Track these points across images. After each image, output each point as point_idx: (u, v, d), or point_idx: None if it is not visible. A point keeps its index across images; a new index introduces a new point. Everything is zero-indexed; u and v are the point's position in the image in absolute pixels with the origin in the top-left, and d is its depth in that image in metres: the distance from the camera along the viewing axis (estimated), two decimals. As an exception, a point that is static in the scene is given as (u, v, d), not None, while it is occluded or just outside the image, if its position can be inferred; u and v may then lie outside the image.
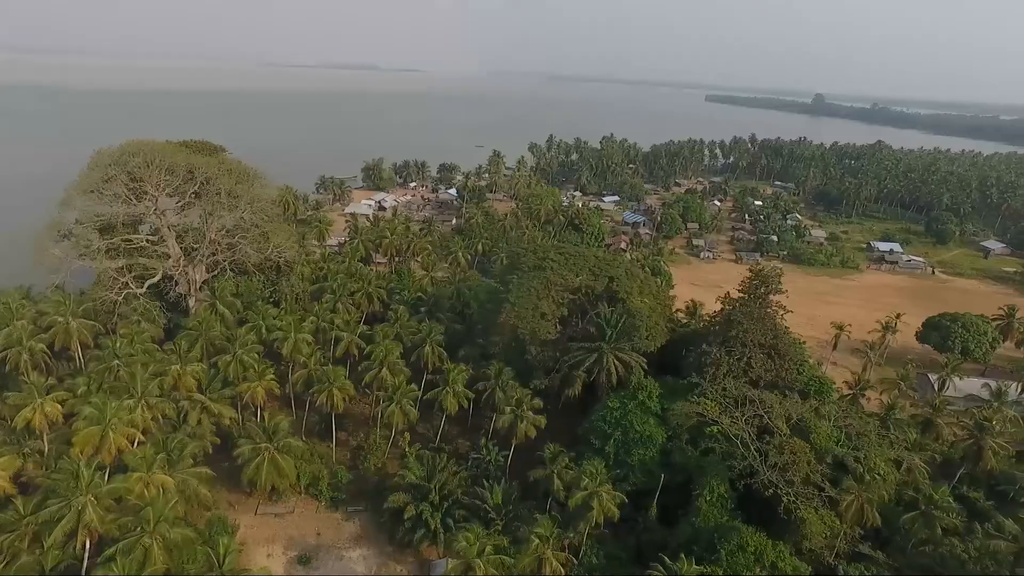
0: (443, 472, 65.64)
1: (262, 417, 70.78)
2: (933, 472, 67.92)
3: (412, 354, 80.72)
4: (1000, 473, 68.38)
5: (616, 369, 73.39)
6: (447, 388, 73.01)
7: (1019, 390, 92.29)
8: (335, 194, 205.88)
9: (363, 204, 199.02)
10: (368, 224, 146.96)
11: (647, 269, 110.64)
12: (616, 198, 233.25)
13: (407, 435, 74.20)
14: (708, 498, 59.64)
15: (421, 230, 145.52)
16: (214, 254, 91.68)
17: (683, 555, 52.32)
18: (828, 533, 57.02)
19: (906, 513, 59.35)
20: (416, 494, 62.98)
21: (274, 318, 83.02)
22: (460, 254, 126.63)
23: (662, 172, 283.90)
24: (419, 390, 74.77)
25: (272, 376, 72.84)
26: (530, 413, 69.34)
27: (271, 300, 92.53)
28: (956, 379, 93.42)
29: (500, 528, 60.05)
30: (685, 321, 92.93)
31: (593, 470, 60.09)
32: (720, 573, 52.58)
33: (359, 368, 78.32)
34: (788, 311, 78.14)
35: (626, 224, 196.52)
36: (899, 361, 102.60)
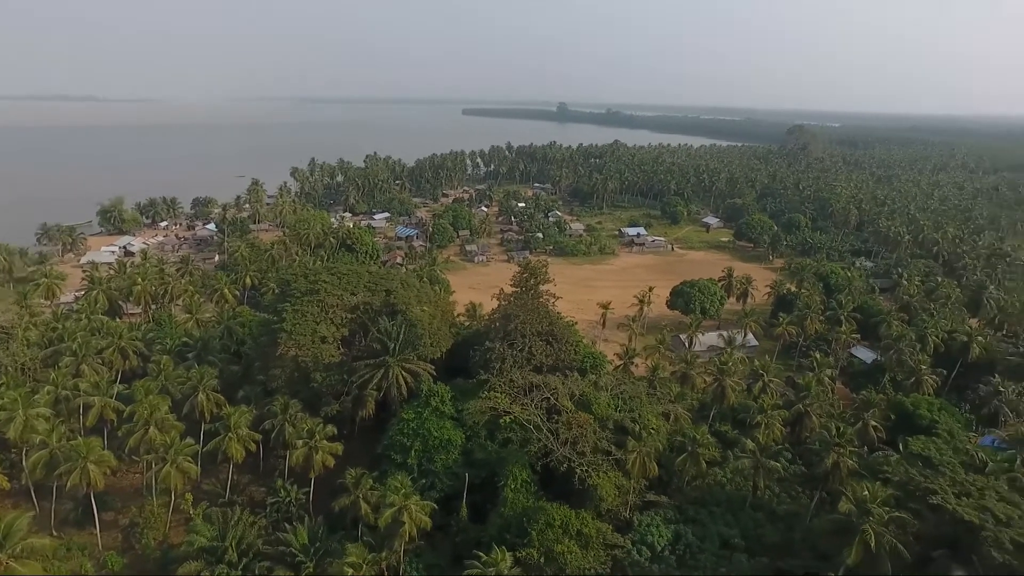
0: (238, 526, 59.91)
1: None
2: (694, 416, 78.23)
3: (184, 405, 72.66)
4: (739, 405, 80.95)
5: (405, 380, 73.28)
6: (229, 434, 66.87)
7: (744, 335, 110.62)
8: (65, 244, 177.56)
9: (104, 251, 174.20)
10: (112, 272, 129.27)
11: (424, 279, 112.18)
12: (387, 215, 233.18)
13: (189, 496, 66.57)
14: (512, 486, 62.15)
15: (179, 271, 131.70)
16: None
17: (495, 546, 53.92)
18: (620, 491, 62.81)
19: (677, 456, 67.40)
20: (209, 558, 56.67)
21: (-9, 398, 68.92)
22: (226, 291, 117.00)
23: (429, 185, 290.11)
24: (198, 443, 67.56)
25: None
26: (325, 442, 66.28)
27: (-15, 379, 76.83)
28: (700, 335, 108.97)
29: (311, 569, 56.62)
30: (467, 323, 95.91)
31: (398, 485, 59.25)
32: (534, 553, 55.25)
33: (119, 433, 68.51)
34: (558, 298, 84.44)
35: (399, 239, 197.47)
36: (656, 328, 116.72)
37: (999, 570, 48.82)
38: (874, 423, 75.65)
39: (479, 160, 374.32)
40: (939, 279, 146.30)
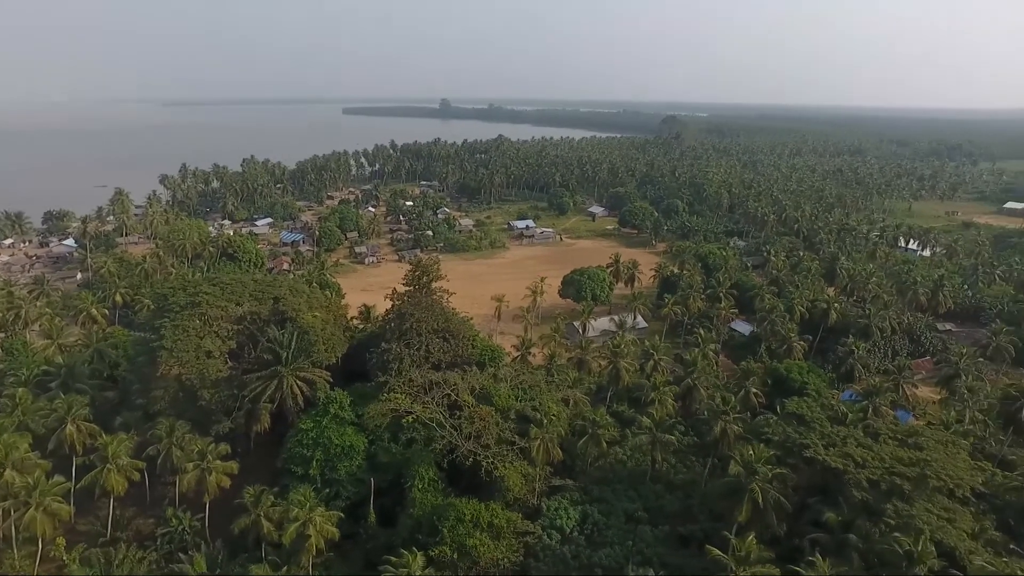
0: (123, 565, 55.72)
1: None
2: (592, 399, 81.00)
3: (50, 441, 66.09)
4: (633, 384, 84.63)
5: (301, 390, 70.82)
6: (108, 465, 61.64)
7: (633, 318, 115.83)
8: None
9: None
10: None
11: (314, 284, 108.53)
12: (270, 220, 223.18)
13: (61, 540, 60.71)
14: (420, 486, 61.80)
15: (32, 293, 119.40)
16: None
17: (405, 550, 53.50)
18: (526, 479, 64.01)
19: (579, 440, 69.57)
20: (91, 603, 52.33)
21: None
22: (94, 311, 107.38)
23: (312, 187, 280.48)
24: (69, 480, 61.82)
25: None
26: (218, 462, 62.78)
27: None
28: (593, 321, 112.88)
29: (211, 598, 53.62)
30: (362, 326, 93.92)
31: (301, 498, 57.30)
32: (447, 550, 55.28)
33: (-33, 482, 61.16)
34: (452, 294, 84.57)
35: (285, 244, 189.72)
36: (550, 317, 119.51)
37: (860, 506, 54.64)
38: (754, 390, 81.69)
39: (363, 160, 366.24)
40: (801, 254, 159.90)
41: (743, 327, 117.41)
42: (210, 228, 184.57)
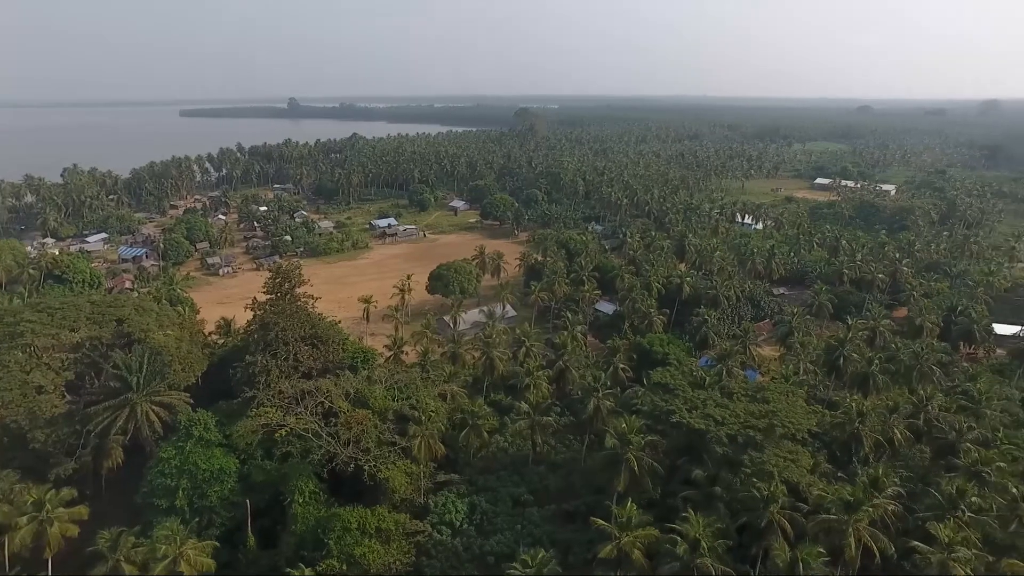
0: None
1: None
2: (469, 391, 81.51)
3: None
4: (508, 373, 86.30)
5: (158, 416, 65.27)
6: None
7: (503, 308, 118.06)
8: None
9: None
10: None
11: (164, 301, 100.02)
12: (104, 235, 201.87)
13: None
14: (300, 500, 59.30)
15: None
16: None
17: (290, 568, 51.25)
18: (411, 479, 63.34)
19: (460, 432, 69.88)
20: None
21: None
22: None
23: (152, 197, 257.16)
24: None
25: None
26: (61, 510, 56.09)
27: None
28: (463, 314, 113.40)
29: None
30: (222, 341, 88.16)
31: (168, 532, 52.93)
32: (335, 563, 53.53)
33: None
34: (317, 299, 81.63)
35: (125, 260, 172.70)
36: (420, 314, 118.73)
37: (722, 460, 59.84)
38: (622, 365, 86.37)
39: (208, 165, 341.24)
40: (653, 234, 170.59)
41: (607, 307, 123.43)
42: (28, 248, 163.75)
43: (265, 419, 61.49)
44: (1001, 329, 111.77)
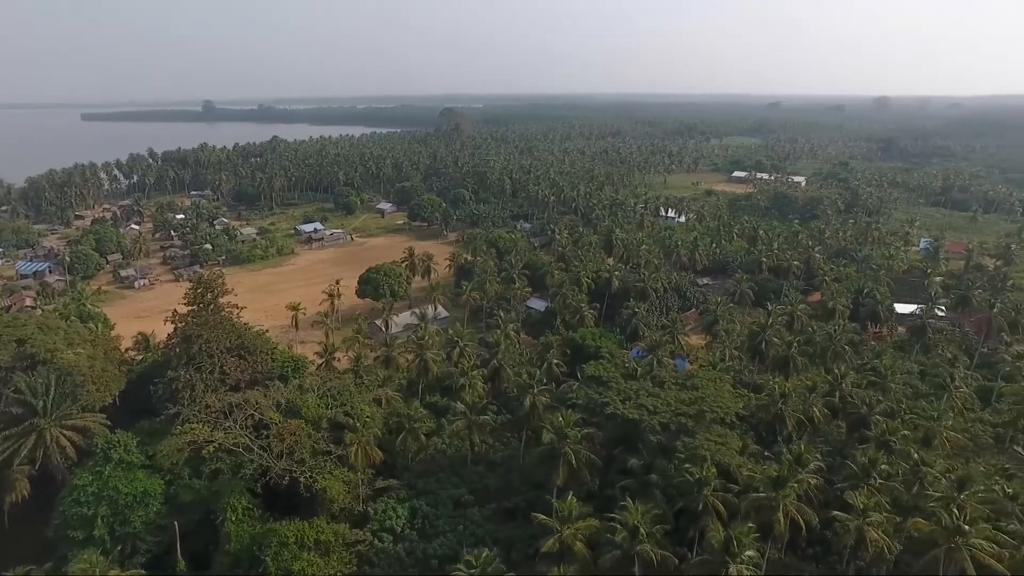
0: None
1: None
2: (404, 395, 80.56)
3: None
4: (443, 374, 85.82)
5: (71, 440, 61.37)
6: None
7: (435, 309, 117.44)
8: None
9: None
10: None
11: (73, 318, 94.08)
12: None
13: None
14: (233, 518, 57.08)
15: None
16: None
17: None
18: (349, 487, 62.02)
19: (397, 437, 69.05)
20: None
21: None
22: None
23: (54, 207, 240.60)
24: None
25: None
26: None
27: None
28: (395, 317, 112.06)
29: None
30: (140, 357, 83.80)
31: (86, 565, 50.00)
32: (274, 580, 51.91)
33: None
34: (243, 308, 78.96)
35: (25, 276, 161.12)
36: (351, 319, 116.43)
37: (656, 448, 61.66)
38: (556, 361, 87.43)
39: (117, 172, 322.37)
40: (581, 230, 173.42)
41: (538, 304, 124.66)
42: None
43: (191, 436, 58.83)
44: (901, 308, 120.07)
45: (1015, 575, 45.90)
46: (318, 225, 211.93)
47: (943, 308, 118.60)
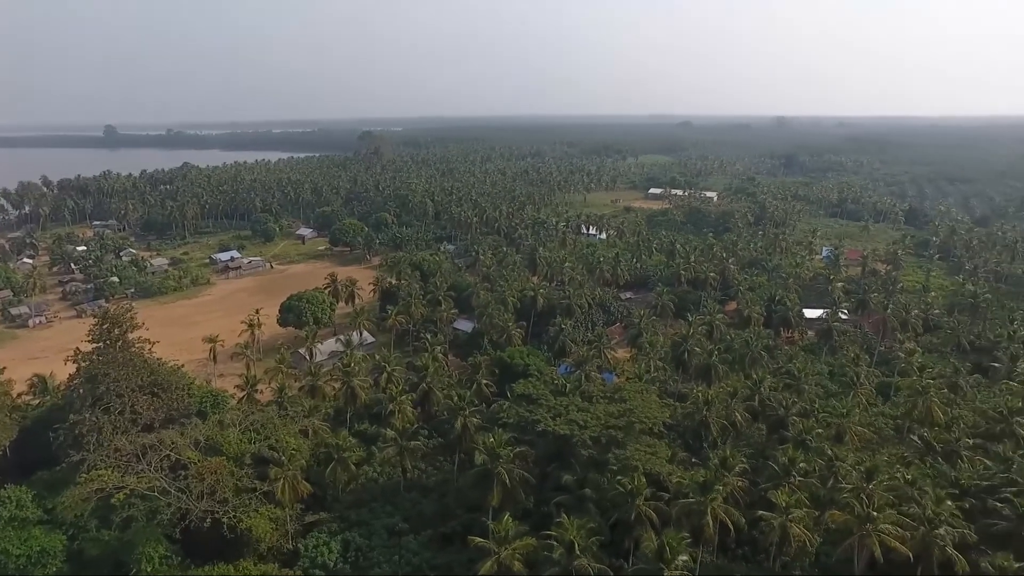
0: None
1: None
2: (332, 424, 78.30)
3: None
4: (371, 400, 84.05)
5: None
6: None
7: (360, 335, 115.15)
8: None
9: None
10: None
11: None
12: None
13: None
14: (149, 568, 53.61)
15: None
16: None
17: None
18: (277, 524, 59.44)
19: (326, 468, 66.85)
20: None
21: None
22: None
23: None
24: None
25: None
26: None
27: None
28: (319, 345, 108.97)
29: None
30: (37, 402, 77.69)
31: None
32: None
33: None
34: (155, 343, 74.86)
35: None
36: (273, 349, 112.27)
37: (589, 462, 62.44)
38: (485, 381, 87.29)
39: (5, 202, 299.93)
40: (505, 249, 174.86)
41: (465, 325, 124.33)
42: None
43: (99, 483, 54.92)
44: (810, 313, 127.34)
45: (915, 554, 49.07)
46: (235, 253, 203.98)
47: (846, 311, 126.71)
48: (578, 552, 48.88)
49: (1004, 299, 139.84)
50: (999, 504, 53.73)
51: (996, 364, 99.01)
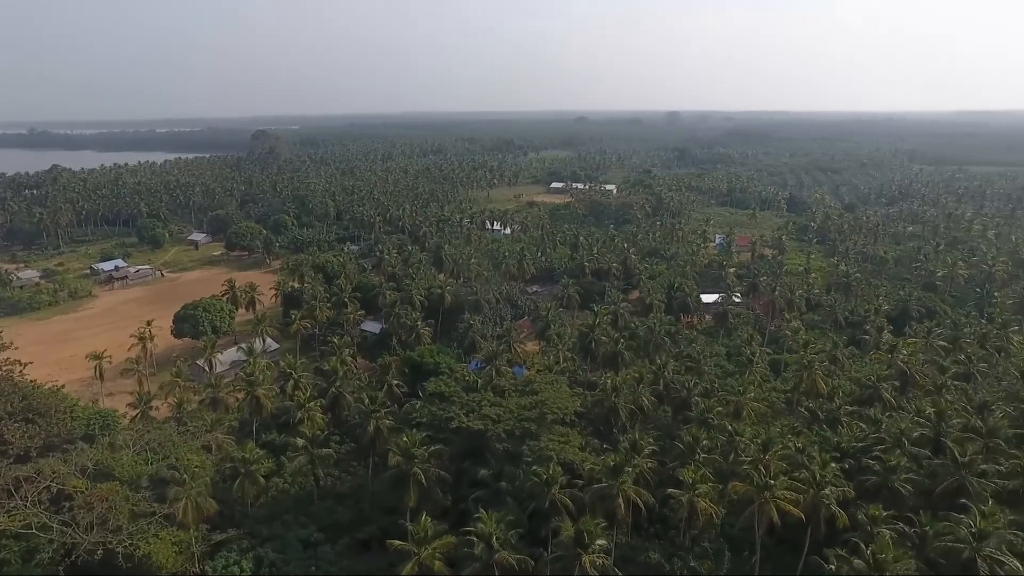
0: None
1: None
2: (237, 437, 74.59)
3: None
4: (278, 409, 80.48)
5: None
6: None
7: (263, 342, 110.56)
8: None
9: None
10: None
11: None
12: None
13: None
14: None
15: None
16: None
17: None
18: (180, 548, 56.10)
19: (233, 483, 63.71)
20: None
21: None
22: None
23: None
24: None
25: None
26: None
27: None
28: (219, 355, 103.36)
29: None
30: None
31: None
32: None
33: None
34: (28, 364, 68.68)
35: None
36: (169, 362, 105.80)
37: (504, 456, 63.12)
38: (396, 382, 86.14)
39: None
40: (410, 248, 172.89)
41: (373, 326, 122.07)
42: None
43: (-34, 525, 49.77)
44: (707, 298, 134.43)
45: (807, 515, 53.24)
46: (119, 262, 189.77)
47: (739, 295, 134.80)
48: (498, 546, 49.36)
49: (870, 277, 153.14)
50: (871, 461, 59.13)
51: (866, 336, 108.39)
